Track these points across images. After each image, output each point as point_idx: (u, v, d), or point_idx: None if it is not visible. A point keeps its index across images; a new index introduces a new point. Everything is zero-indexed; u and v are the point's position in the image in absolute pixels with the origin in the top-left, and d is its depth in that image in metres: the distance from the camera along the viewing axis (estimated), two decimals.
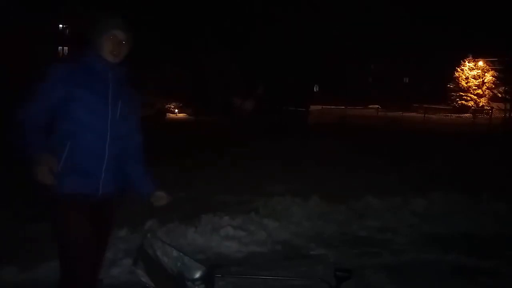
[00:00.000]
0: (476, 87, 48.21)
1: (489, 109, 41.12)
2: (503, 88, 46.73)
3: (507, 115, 41.66)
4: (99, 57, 2.52)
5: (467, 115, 39.64)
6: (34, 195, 2.47)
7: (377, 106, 44.54)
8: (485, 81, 48.13)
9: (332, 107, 37.82)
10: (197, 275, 2.32)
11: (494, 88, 48.00)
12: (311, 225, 5.72)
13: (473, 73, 48.29)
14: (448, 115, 41.67)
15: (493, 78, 47.94)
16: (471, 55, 48.13)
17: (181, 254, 2.40)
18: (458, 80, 48.87)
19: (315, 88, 52.72)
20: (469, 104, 47.48)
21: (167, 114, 42.26)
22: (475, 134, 23.37)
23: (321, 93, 48.77)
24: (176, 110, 45.68)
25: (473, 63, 48.31)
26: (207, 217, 5.42)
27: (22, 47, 35.26)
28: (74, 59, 2.56)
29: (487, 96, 48.48)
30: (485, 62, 48.13)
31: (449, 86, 49.28)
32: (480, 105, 47.11)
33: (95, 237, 2.54)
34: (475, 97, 48.20)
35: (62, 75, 2.45)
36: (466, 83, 48.44)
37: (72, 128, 2.43)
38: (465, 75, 48.62)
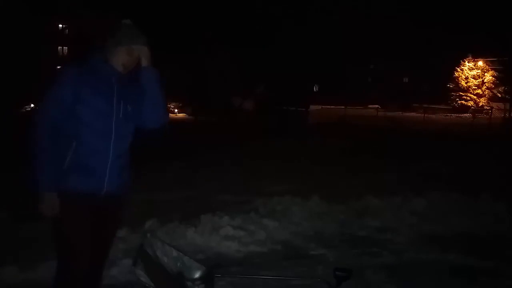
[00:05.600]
0: (476, 87, 48.12)
1: (489, 109, 41.09)
2: (502, 88, 46.69)
3: (507, 115, 41.63)
4: (106, 63, 2.57)
5: (466, 115, 39.55)
6: (34, 195, 2.48)
7: (377, 106, 44.51)
8: (484, 81, 48.05)
9: (332, 107, 37.72)
10: (197, 275, 2.32)
11: (493, 88, 47.93)
12: (311, 225, 5.72)
13: (473, 73, 48.20)
14: (447, 115, 41.59)
15: (493, 78, 47.85)
16: (470, 55, 48.01)
17: (180, 254, 2.40)
18: (458, 80, 48.78)
19: (315, 88, 52.71)
20: (469, 104, 47.39)
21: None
22: (474, 134, 23.36)
23: (321, 93, 48.71)
24: (176, 110, 45.73)
25: (472, 63, 48.23)
26: (207, 217, 5.42)
27: (22, 47, 35.27)
28: (81, 62, 2.60)
29: (486, 96, 48.43)
30: (485, 62, 48.05)
31: (449, 86, 49.24)
32: (479, 105, 47.06)
33: (97, 236, 2.57)
34: (475, 97, 48.12)
35: (71, 79, 2.51)
36: (466, 83, 48.36)
37: (78, 128, 2.49)
38: (464, 75, 48.54)
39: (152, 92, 2.63)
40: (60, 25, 49.39)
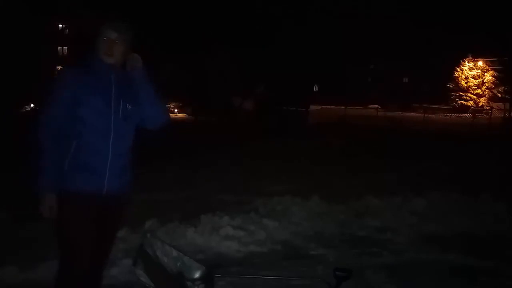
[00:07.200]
0: (476, 87, 48.11)
1: (489, 109, 41.08)
2: (502, 88, 46.69)
3: (507, 115, 41.61)
4: (100, 60, 2.58)
5: (466, 115, 39.55)
6: (34, 195, 2.49)
7: (377, 106, 44.50)
8: (484, 81, 48.03)
9: (332, 107, 37.73)
10: (197, 275, 2.31)
11: (493, 88, 47.93)
12: (311, 225, 5.73)
13: (473, 73, 48.18)
14: (447, 115, 41.60)
15: (493, 78, 47.83)
16: (470, 55, 47.98)
17: (180, 254, 2.40)
18: (458, 80, 48.76)
19: (315, 88, 52.68)
20: (469, 104, 47.38)
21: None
22: (474, 134, 23.36)
23: (321, 93, 48.69)
24: (176, 110, 45.77)
25: (472, 63, 48.21)
26: (207, 217, 5.42)
27: (22, 47, 35.27)
28: (79, 63, 2.64)
29: (486, 96, 48.42)
30: (485, 62, 48.03)
31: (449, 86, 49.23)
32: (479, 105, 47.05)
33: (98, 236, 2.58)
34: (475, 97, 48.09)
35: (70, 80, 2.54)
36: (466, 83, 48.34)
37: (78, 128, 2.51)
38: (464, 75, 48.51)
39: (146, 93, 2.65)
40: (60, 25, 49.37)
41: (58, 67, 39.39)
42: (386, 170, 10.37)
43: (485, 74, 48.15)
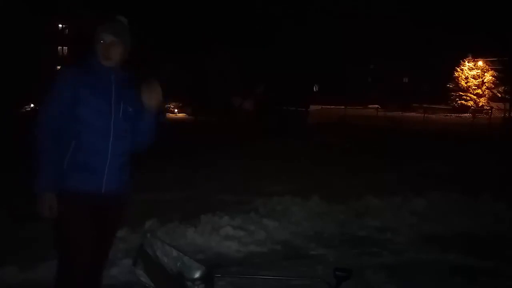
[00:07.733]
0: (476, 87, 48.13)
1: (489, 109, 41.07)
2: (502, 88, 46.70)
3: (507, 115, 41.60)
4: (99, 62, 2.60)
5: (466, 115, 39.57)
6: (33, 195, 2.49)
7: (377, 106, 44.50)
8: (484, 81, 48.04)
9: (332, 107, 37.78)
10: (197, 275, 2.31)
11: (493, 88, 47.96)
12: (311, 225, 5.73)
13: (473, 73, 48.19)
14: (447, 115, 41.65)
15: (493, 78, 47.86)
16: (470, 55, 48.00)
17: (180, 254, 2.40)
18: (458, 80, 48.77)
19: (315, 88, 52.69)
20: (469, 104, 47.40)
21: (167, 114, 42.38)
22: (474, 134, 23.35)
23: (321, 93, 48.72)
24: (176, 110, 45.83)
25: (472, 63, 48.21)
26: (207, 217, 5.42)
27: (22, 47, 35.28)
28: (79, 63, 2.64)
29: (486, 96, 48.43)
30: (485, 62, 48.03)
31: (449, 86, 49.24)
32: (479, 105, 47.05)
33: (98, 236, 2.58)
34: (475, 97, 48.10)
35: (69, 79, 2.55)
36: (466, 83, 48.35)
37: (77, 128, 2.52)
38: (464, 75, 48.52)
39: (148, 122, 2.70)
40: (60, 25, 49.39)
41: (58, 67, 39.39)
42: (386, 170, 10.37)
43: (485, 74, 48.16)
